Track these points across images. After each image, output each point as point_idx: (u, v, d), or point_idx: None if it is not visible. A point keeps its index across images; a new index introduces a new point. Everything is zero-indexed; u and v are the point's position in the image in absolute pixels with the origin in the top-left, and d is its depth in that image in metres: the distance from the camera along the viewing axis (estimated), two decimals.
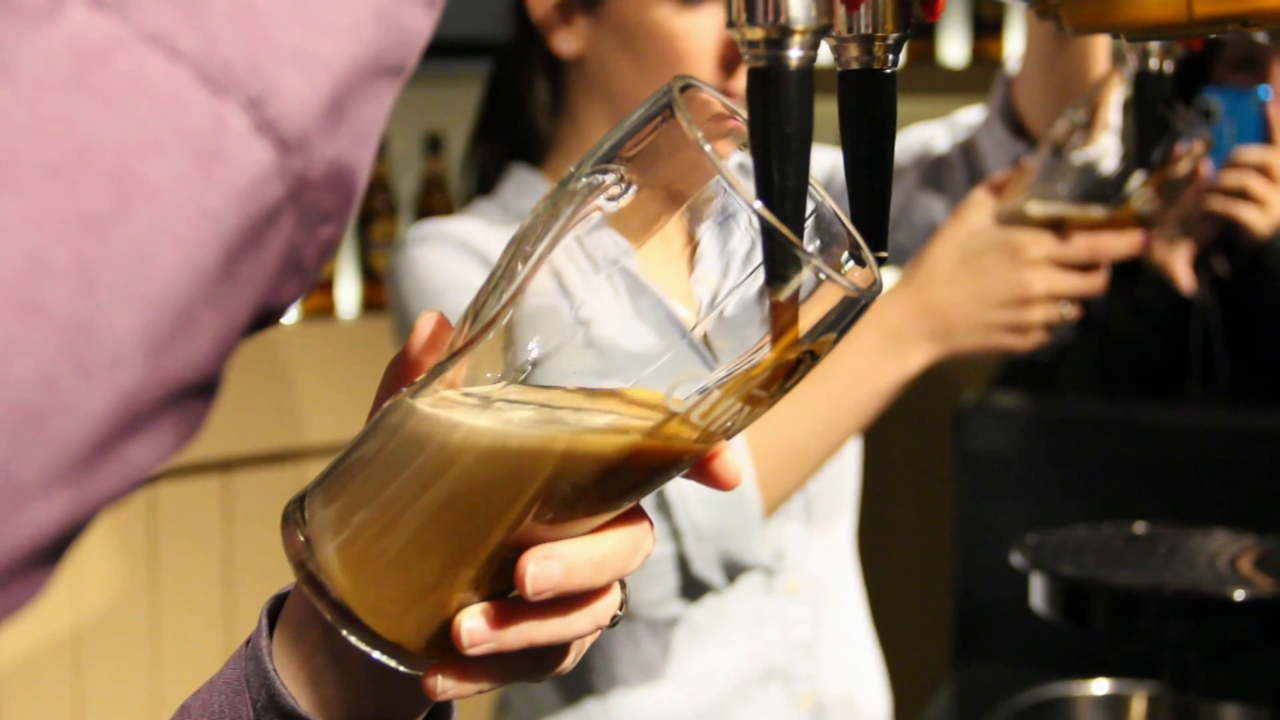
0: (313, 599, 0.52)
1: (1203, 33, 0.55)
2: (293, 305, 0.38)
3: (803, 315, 0.47)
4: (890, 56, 0.56)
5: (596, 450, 0.48)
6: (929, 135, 1.39)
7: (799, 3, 0.47)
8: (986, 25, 2.46)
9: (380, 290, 2.25)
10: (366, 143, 0.38)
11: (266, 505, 2.18)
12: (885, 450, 2.21)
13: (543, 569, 0.50)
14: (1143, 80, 1.06)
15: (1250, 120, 1.70)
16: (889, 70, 0.57)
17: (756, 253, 0.47)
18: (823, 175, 1.37)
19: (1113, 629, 1.18)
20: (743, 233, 0.47)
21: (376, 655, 0.52)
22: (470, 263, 1.23)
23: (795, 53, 0.48)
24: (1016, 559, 1.23)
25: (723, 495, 1.14)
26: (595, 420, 0.49)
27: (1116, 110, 1.20)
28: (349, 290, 2.35)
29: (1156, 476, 1.63)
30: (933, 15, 0.57)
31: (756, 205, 0.46)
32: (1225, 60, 1.80)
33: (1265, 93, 1.71)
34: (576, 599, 0.53)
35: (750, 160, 0.48)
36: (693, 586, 1.19)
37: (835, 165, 1.37)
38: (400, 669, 0.53)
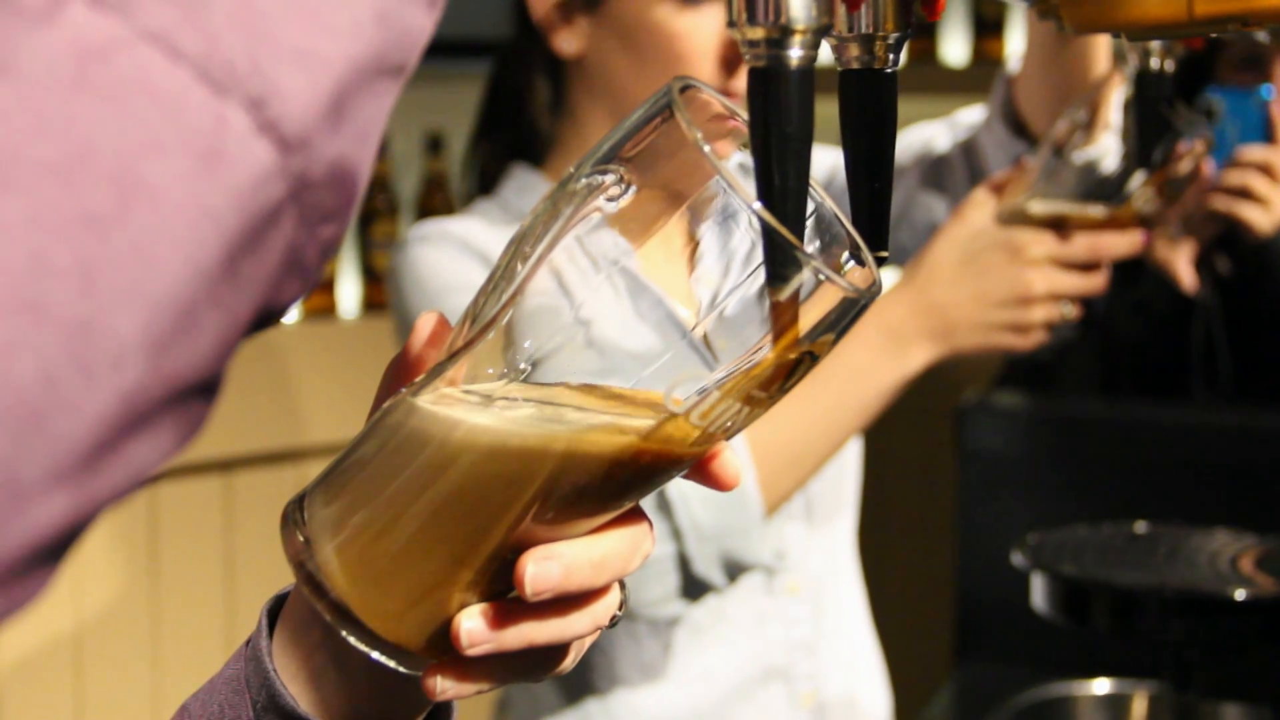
0: (312, 599, 0.52)
1: (1203, 32, 0.55)
2: (294, 305, 0.38)
3: (802, 316, 0.47)
4: (891, 56, 0.56)
5: (596, 449, 0.48)
6: (930, 135, 1.39)
7: (799, 2, 0.47)
8: (987, 25, 2.46)
9: (381, 290, 2.25)
10: (367, 142, 0.38)
11: (267, 505, 2.18)
12: (886, 450, 2.21)
13: (542, 569, 0.50)
14: (1144, 80, 1.06)
15: (1253, 119, 1.70)
16: (890, 70, 0.57)
17: (757, 252, 0.47)
18: (823, 175, 1.37)
19: (1113, 629, 1.18)
20: (743, 233, 0.47)
21: (376, 656, 0.52)
22: (471, 262, 1.23)
23: (796, 52, 0.48)
24: (1017, 558, 1.23)
25: (724, 495, 1.14)
26: (596, 420, 0.49)
27: (1117, 110, 1.20)
28: (350, 290, 2.35)
29: (1157, 476, 1.63)
30: (933, 15, 0.57)
31: (756, 206, 0.46)
32: (1228, 60, 1.80)
33: (1268, 92, 1.71)
34: (576, 600, 0.52)
35: (751, 160, 0.48)
36: (694, 586, 1.18)
37: (836, 165, 1.37)
38: (399, 669, 0.53)
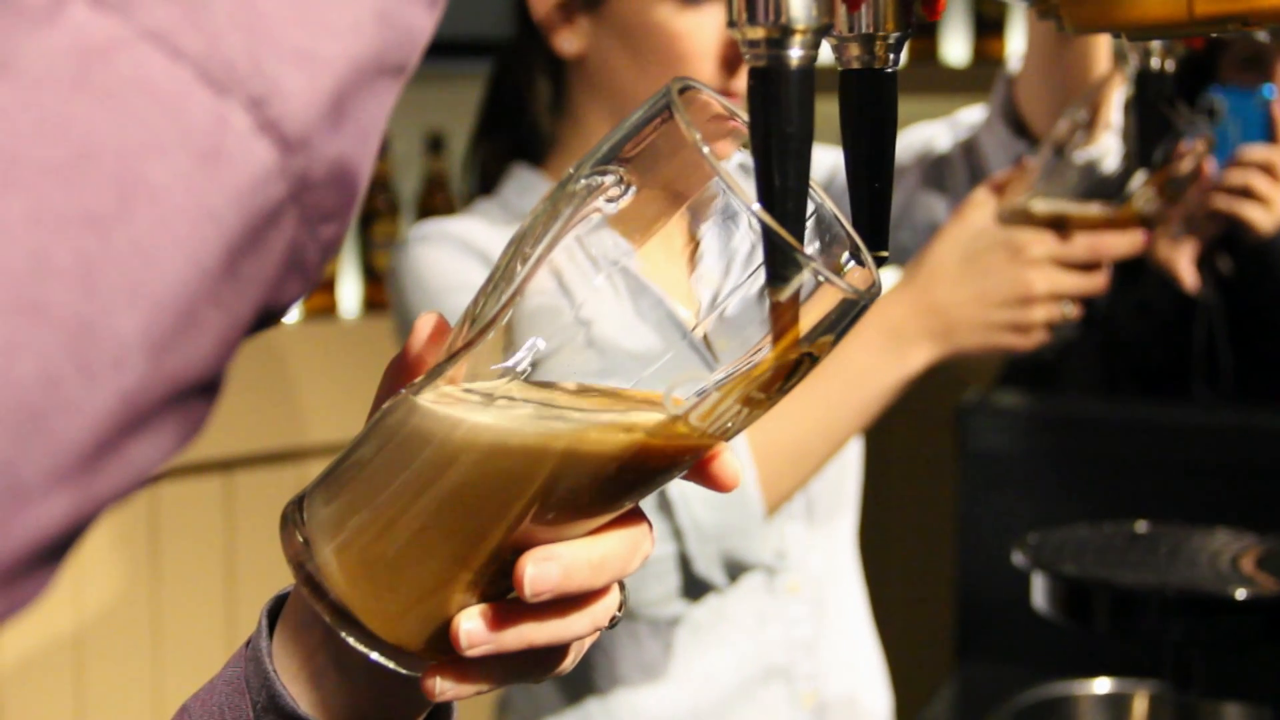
0: (311, 600, 0.52)
1: (1203, 32, 0.55)
2: (294, 305, 0.38)
3: (801, 317, 0.47)
4: (891, 56, 0.56)
5: (596, 449, 0.48)
6: (930, 134, 1.39)
7: (800, 2, 0.47)
8: (988, 24, 2.46)
9: (382, 290, 2.25)
10: (368, 142, 0.38)
11: (268, 505, 2.18)
12: (887, 449, 2.21)
13: (541, 570, 0.50)
14: (1144, 79, 1.06)
15: (1255, 119, 1.70)
16: (890, 69, 0.56)
17: (757, 253, 0.47)
18: (824, 175, 1.37)
19: (1114, 628, 1.18)
20: (743, 233, 0.47)
21: (375, 657, 0.52)
22: (471, 262, 1.23)
23: (796, 52, 0.48)
24: (1018, 558, 1.23)
25: (724, 495, 1.14)
26: (596, 419, 0.49)
27: (1118, 109, 1.20)
28: (350, 290, 2.35)
29: (1158, 476, 1.63)
30: (934, 14, 0.57)
31: (755, 207, 0.46)
32: (1230, 59, 1.79)
33: (1270, 91, 1.71)
34: (575, 600, 0.52)
35: (751, 160, 0.48)
36: (694, 586, 1.18)
37: (836, 165, 1.37)
38: (399, 670, 0.53)
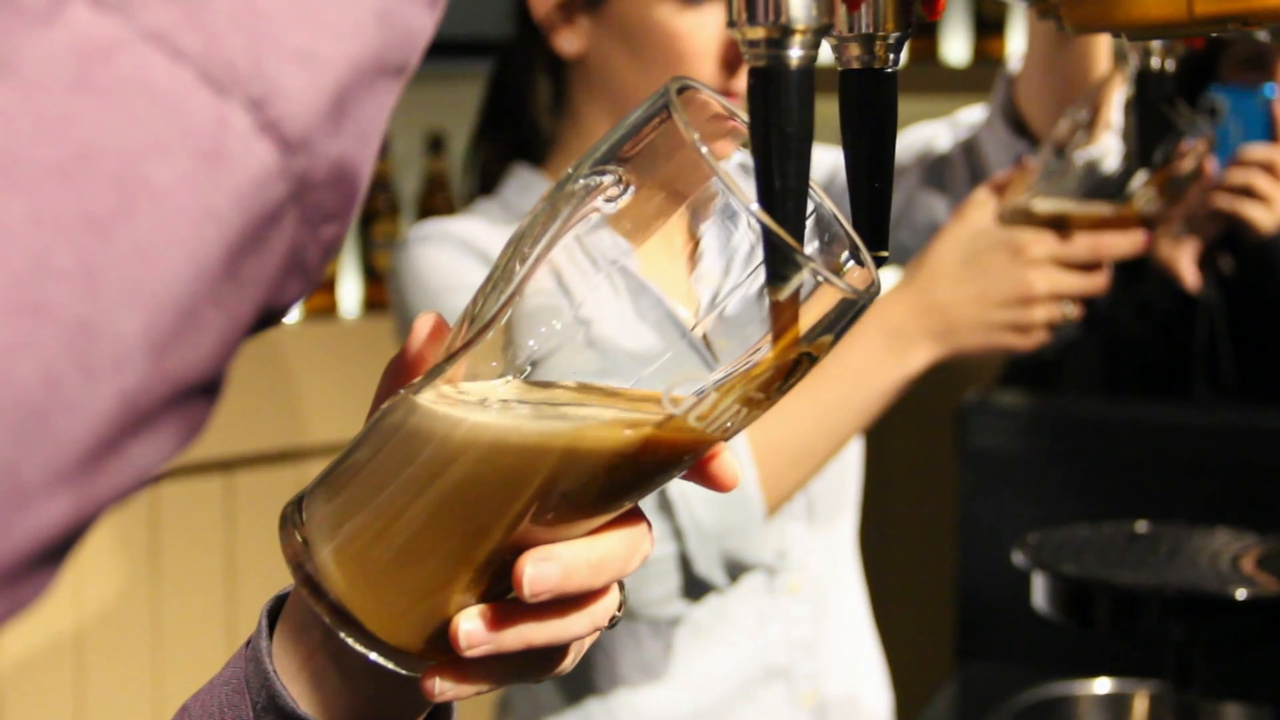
0: (310, 601, 0.52)
1: (1203, 32, 0.55)
2: (295, 305, 0.38)
3: (801, 316, 0.47)
4: (891, 56, 0.56)
5: (596, 447, 0.48)
6: (930, 134, 1.39)
7: (800, 2, 0.47)
8: (988, 24, 2.46)
9: (382, 290, 2.25)
10: (369, 142, 0.38)
11: (268, 505, 2.18)
12: (887, 449, 2.21)
13: (540, 570, 0.50)
14: (1144, 79, 1.06)
15: (1256, 118, 1.70)
16: (890, 69, 0.56)
17: (756, 252, 0.46)
18: (823, 175, 1.37)
19: (1114, 628, 1.18)
20: (742, 232, 0.47)
21: (374, 657, 0.52)
22: (472, 262, 1.23)
23: (796, 52, 0.48)
24: (1018, 558, 1.23)
25: (725, 495, 1.14)
26: (596, 418, 0.49)
27: (1119, 109, 1.20)
28: (351, 290, 2.35)
29: (1159, 475, 1.63)
30: (934, 14, 0.57)
31: (754, 207, 0.46)
32: (1231, 59, 1.79)
33: (1271, 90, 1.71)
34: (574, 601, 0.52)
35: (751, 159, 0.48)
36: (695, 586, 1.19)
37: (836, 165, 1.37)
38: (398, 671, 0.53)
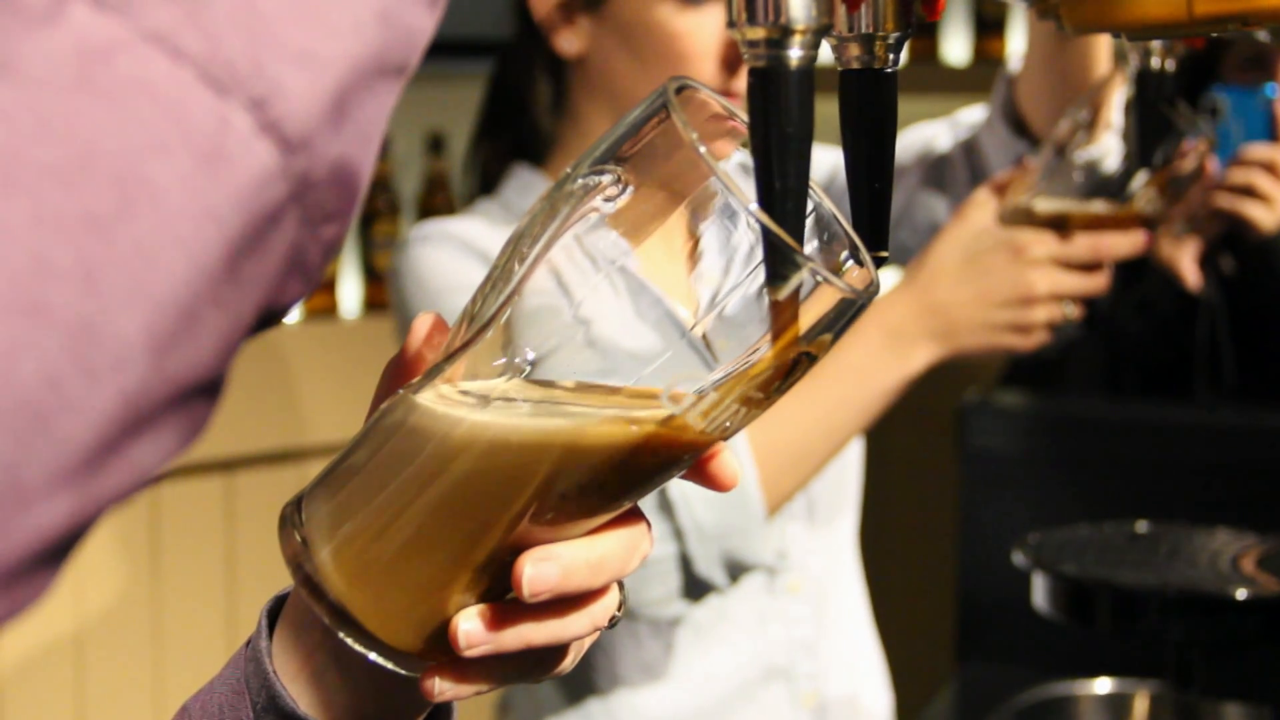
0: (309, 602, 0.52)
1: (1203, 32, 0.55)
2: (296, 305, 0.38)
3: (800, 315, 0.47)
4: (891, 56, 0.56)
5: (596, 446, 0.48)
6: (931, 134, 1.39)
7: (799, 2, 0.47)
8: (988, 24, 2.46)
9: (382, 290, 2.25)
10: (369, 142, 0.38)
11: (269, 505, 2.18)
12: (888, 449, 2.21)
13: (540, 570, 0.50)
14: (1145, 79, 1.06)
15: (1257, 118, 1.70)
16: (890, 70, 0.56)
17: (756, 251, 0.46)
18: (823, 175, 1.37)
19: (1115, 628, 1.18)
20: (741, 232, 0.47)
21: (373, 657, 0.52)
22: (472, 262, 1.23)
23: (796, 52, 0.48)
24: (1019, 558, 1.23)
25: (725, 495, 1.14)
26: (595, 417, 0.49)
27: (1119, 109, 1.20)
28: (351, 290, 2.35)
29: (1159, 475, 1.63)
30: (934, 14, 0.57)
31: (753, 207, 0.46)
32: (1233, 59, 1.79)
33: (1272, 90, 1.71)
34: (574, 601, 0.52)
35: (751, 159, 0.48)
36: (695, 586, 1.19)
37: (836, 165, 1.37)
38: (398, 671, 0.53)
